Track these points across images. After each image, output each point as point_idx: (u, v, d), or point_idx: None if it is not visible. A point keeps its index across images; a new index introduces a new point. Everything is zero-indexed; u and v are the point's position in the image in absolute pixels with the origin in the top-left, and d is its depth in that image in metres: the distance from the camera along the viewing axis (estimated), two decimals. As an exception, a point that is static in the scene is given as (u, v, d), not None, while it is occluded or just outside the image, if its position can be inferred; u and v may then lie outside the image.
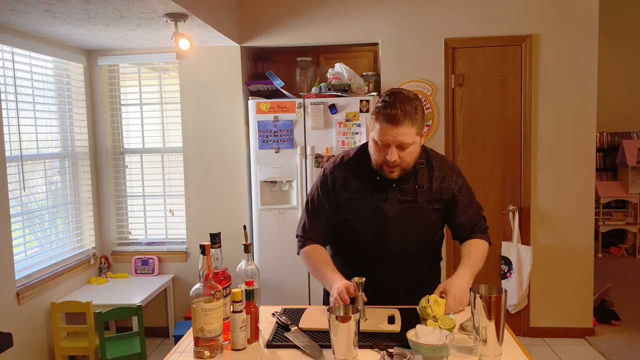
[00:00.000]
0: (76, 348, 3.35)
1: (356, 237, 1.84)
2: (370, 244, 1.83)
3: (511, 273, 3.73)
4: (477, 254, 1.85)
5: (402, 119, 1.63)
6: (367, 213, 1.81)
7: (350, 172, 1.86)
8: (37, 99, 3.47)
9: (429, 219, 1.84)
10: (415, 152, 1.74)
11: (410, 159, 1.73)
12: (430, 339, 1.38)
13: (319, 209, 1.88)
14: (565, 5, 3.67)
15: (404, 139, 1.65)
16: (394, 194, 1.81)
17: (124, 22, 3.09)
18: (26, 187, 3.30)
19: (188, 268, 4.07)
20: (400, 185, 1.81)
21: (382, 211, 1.80)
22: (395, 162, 1.69)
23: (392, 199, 1.80)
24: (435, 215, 1.86)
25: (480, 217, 1.95)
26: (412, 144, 1.69)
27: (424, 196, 1.81)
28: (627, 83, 6.46)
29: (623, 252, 6.22)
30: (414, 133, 1.67)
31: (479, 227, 1.94)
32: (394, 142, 1.66)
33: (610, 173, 6.43)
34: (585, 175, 3.76)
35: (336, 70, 3.71)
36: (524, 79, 3.73)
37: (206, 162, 4.00)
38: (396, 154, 1.67)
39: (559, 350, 3.64)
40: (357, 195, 1.83)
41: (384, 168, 1.73)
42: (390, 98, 1.67)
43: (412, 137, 1.67)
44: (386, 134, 1.65)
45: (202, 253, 1.44)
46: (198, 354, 1.44)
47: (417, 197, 1.81)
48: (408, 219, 1.81)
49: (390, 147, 1.67)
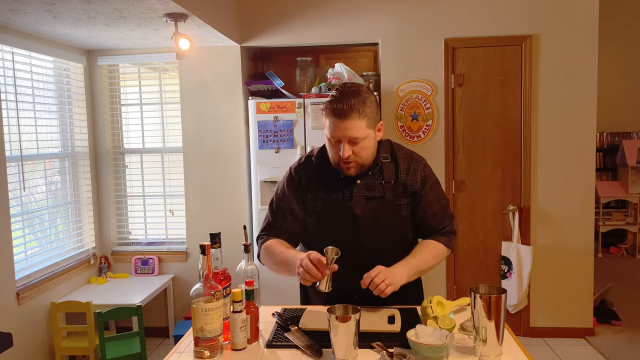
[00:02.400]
0: (76, 348, 3.35)
1: (325, 238, 1.71)
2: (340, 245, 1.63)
3: (511, 273, 3.73)
4: (423, 254, 1.76)
5: (348, 113, 1.60)
6: (333, 212, 1.75)
7: (315, 170, 1.81)
8: (37, 99, 3.47)
9: (400, 215, 1.76)
10: (370, 147, 1.69)
11: (365, 154, 1.68)
12: (430, 339, 1.38)
13: (285, 206, 1.82)
14: (565, 5, 3.67)
15: (353, 133, 1.61)
16: (359, 192, 1.74)
17: (124, 22, 3.09)
18: (26, 187, 3.30)
19: (188, 268, 4.07)
20: (366, 182, 1.75)
21: (350, 210, 1.73)
22: (350, 158, 1.65)
23: (359, 197, 1.74)
24: (407, 211, 1.78)
25: (444, 215, 1.83)
26: (365, 139, 1.64)
27: (392, 191, 1.74)
28: (627, 83, 6.46)
29: (623, 252, 6.22)
30: (364, 126, 1.63)
31: (441, 227, 1.83)
32: (344, 137, 1.63)
33: (610, 173, 6.43)
34: (585, 175, 3.76)
35: (336, 70, 3.71)
36: (524, 79, 3.73)
37: (206, 162, 4.00)
38: (349, 149, 1.64)
39: (559, 350, 3.64)
40: (323, 194, 1.77)
41: (341, 165, 1.69)
42: (337, 92, 1.64)
43: (362, 131, 1.63)
44: (335, 129, 1.63)
45: (202, 253, 1.44)
46: (198, 354, 1.43)
47: (385, 193, 1.74)
48: (377, 217, 1.73)
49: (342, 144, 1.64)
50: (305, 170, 1.83)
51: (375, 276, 1.59)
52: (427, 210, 1.80)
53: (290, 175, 1.86)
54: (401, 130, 3.83)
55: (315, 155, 1.85)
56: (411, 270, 1.71)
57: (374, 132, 1.69)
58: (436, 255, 1.80)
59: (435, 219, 1.82)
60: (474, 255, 3.90)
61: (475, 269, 3.90)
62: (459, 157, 3.84)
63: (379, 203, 1.74)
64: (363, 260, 1.70)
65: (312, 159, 1.84)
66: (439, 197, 1.82)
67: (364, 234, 1.74)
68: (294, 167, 1.87)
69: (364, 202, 1.74)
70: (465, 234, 3.88)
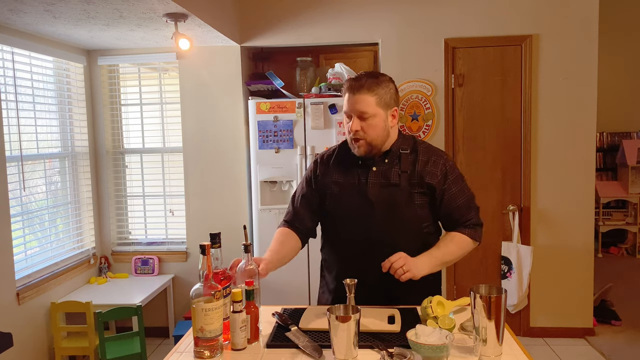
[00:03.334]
0: (76, 348, 3.35)
1: (340, 223, 1.84)
2: (355, 230, 1.79)
3: (511, 273, 3.73)
4: (447, 246, 1.80)
5: (360, 88, 1.72)
6: (349, 198, 1.82)
7: (336, 159, 1.91)
8: (37, 99, 3.47)
9: (413, 203, 1.79)
10: (379, 127, 1.75)
11: (373, 132, 1.75)
12: (430, 339, 1.38)
13: (302, 194, 1.94)
14: (565, 5, 3.67)
15: (362, 107, 1.71)
16: (376, 179, 1.81)
17: (124, 22, 3.09)
18: (26, 187, 3.30)
19: (188, 268, 4.07)
20: (383, 170, 1.81)
21: (365, 195, 1.79)
22: (358, 135, 1.74)
23: (374, 183, 1.80)
24: (421, 200, 1.80)
25: (470, 208, 1.86)
26: (374, 116, 1.73)
27: (407, 180, 1.79)
28: (627, 83, 6.46)
29: (623, 252, 6.22)
30: (374, 103, 1.72)
31: (466, 220, 1.86)
32: (354, 110, 1.73)
33: (610, 173, 6.43)
34: (585, 175, 3.76)
35: (336, 70, 3.71)
36: (524, 79, 3.73)
37: (206, 162, 4.00)
38: (358, 123, 1.73)
39: (559, 350, 3.64)
40: (340, 179, 1.85)
41: (352, 143, 1.79)
42: (359, 74, 1.78)
43: (371, 107, 1.72)
44: (348, 102, 1.75)
45: (202, 253, 1.44)
46: (198, 354, 1.43)
47: (400, 182, 1.79)
48: (390, 203, 1.78)
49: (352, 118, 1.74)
50: (326, 159, 1.93)
51: (395, 261, 1.66)
52: (451, 203, 1.83)
53: (313, 163, 1.97)
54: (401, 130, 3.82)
55: (340, 143, 1.95)
56: (434, 261, 1.75)
57: (384, 113, 1.76)
58: (461, 247, 1.83)
59: (460, 212, 1.85)
60: (474, 255, 3.87)
61: (475, 269, 3.90)
62: (459, 157, 3.84)
63: (393, 190, 1.79)
64: (376, 247, 1.76)
65: (334, 150, 1.95)
66: (462, 190, 1.85)
67: (377, 219, 1.78)
68: (318, 156, 1.98)
69: (378, 188, 1.80)
70: (465, 234, 3.88)
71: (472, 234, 1.85)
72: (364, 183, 1.81)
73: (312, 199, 1.91)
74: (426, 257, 1.74)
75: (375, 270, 1.72)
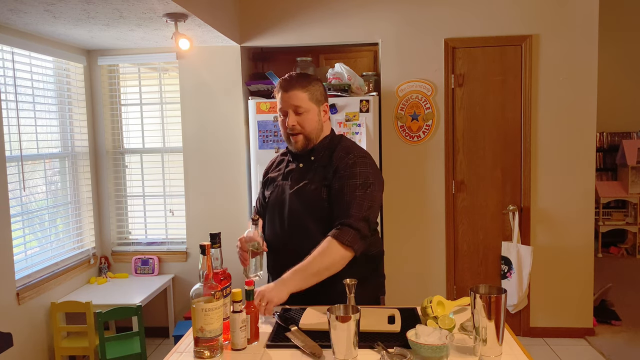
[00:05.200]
0: (76, 348, 3.35)
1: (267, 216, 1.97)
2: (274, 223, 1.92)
3: (511, 273, 3.73)
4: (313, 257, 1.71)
5: (293, 86, 1.84)
6: (275, 190, 1.96)
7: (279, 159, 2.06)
8: (37, 99, 3.47)
9: (320, 196, 1.83)
10: (314, 121, 1.87)
11: (309, 126, 1.86)
12: (430, 339, 1.38)
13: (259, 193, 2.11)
14: (565, 5, 3.67)
15: (296, 102, 1.83)
16: (297, 173, 1.92)
17: (124, 22, 3.09)
18: (26, 187, 3.30)
19: (188, 268, 4.07)
20: (307, 166, 1.92)
21: (283, 188, 1.93)
22: (295, 129, 1.85)
23: (295, 178, 1.92)
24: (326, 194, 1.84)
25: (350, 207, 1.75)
26: (309, 111, 1.85)
27: (321, 173, 1.88)
28: (627, 83, 6.46)
29: (623, 252, 6.22)
30: (307, 98, 1.84)
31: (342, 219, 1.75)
32: (289, 106, 1.85)
33: (610, 173, 6.43)
34: (585, 175, 3.76)
35: (336, 70, 3.71)
36: (524, 79, 3.73)
37: (206, 162, 4.00)
38: (294, 118, 1.84)
39: (559, 350, 3.64)
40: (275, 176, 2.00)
41: (289, 138, 1.89)
42: (289, 75, 1.90)
43: (305, 102, 1.84)
44: (282, 100, 1.86)
45: (202, 253, 1.44)
46: (198, 354, 1.44)
47: (315, 174, 1.88)
48: (302, 194, 1.86)
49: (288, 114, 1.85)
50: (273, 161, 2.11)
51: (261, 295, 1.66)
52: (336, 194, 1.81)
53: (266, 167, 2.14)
54: (401, 130, 3.83)
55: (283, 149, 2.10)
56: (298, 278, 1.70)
57: (317, 108, 1.89)
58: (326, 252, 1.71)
59: (340, 207, 1.78)
60: (474, 255, 3.90)
61: (475, 269, 3.90)
62: (459, 157, 3.84)
63: (307, 182, 1.88)
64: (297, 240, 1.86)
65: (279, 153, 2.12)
66: (355, 189, 1.78)
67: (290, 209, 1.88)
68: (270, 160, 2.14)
69: (295, 182, 1.90)
70: (465, 234, 3.88)
71: (337, 234, 1.72)
72: (286, 178, 1.94)
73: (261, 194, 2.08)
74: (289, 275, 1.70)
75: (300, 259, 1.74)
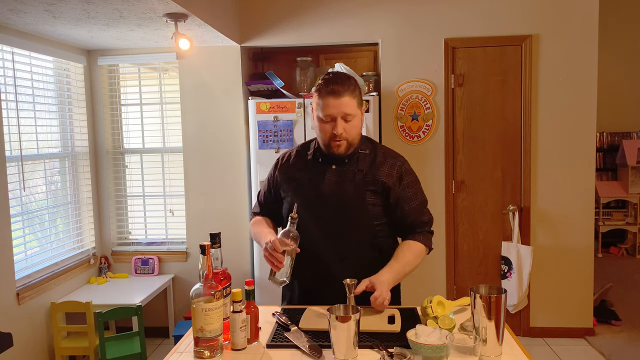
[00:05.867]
0: (76, 348, 3.35)
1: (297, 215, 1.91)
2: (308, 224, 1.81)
3: (511, 273, 3.73)
4: (405, 256, 1.84)
5: (343, 92, 1.77)
6: (305, 192, 1.88)
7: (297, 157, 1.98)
8: (37, 99, 3.47)
9: (364, 199, 1.83)
10: (358, 127, 1.84)
11: (354, 132, 1.82)
12: (430, 339, 1.38)
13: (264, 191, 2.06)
14: (565, 5, 3.67)
15: (347, 110, 1.77)
16: (332, 176, 1.87)
17: (124, 22, 3.09)
18: (26, 187, 3.30)
19: (188, 268, 4.07)
20: (341, 168, 1.87)
21: (319, 189, 1.86)
22: (342, 136, 1.79)
23: (330, 179, 1.86)
24: (373, 198, 1.84)
25: (423, 213, 1.92)
26: (355, 117, 1.81)
27: (362, 178, 1.84)
28: (627, 83, 6.46)
29: (623, 252, 6.22)
30: (355, 105, 1.80)
31: (419, 225, 1.90)
32: (339, 113, 1.77)
33: (610, 173, 6.43)
34: (585, 175, 3.76)
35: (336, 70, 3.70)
36: (524, 79, 3.73)
37: (206, 162, 4.00)
38: (343, 125, 1.78)
39: (559, 350, 3.64)
40: (298, 174, 1.92)
41: (332, 144, 1.82)
42: (330, 76, 1.82)
43: (354, 109, 1.79)
44: (330, 107, 1.77)
45: (202, 253, 1.44)
46: (198, 354, 1.44)
47: (355, 179, 1.84)
48: (343, 198, 1.83)
49: (336, 121, 1.78)
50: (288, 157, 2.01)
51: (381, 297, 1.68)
52: (405, 205, 1.87)
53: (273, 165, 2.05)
54: (401, 130, 3.83)
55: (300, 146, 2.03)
56: (395, 276, 1.78)
57: (361, 113, 1.85)
58: (417, 256, 1.86)
59: (414, 215, 1.89)
60: (474, 255, 3.90)
61: (475, 269, 3.90)
62: (459, 157, 3.84)
63: (347, 186, 1.84)
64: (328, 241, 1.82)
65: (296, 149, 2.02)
66: (416, 194, 1.90)
67: (329, 212, 1.83)
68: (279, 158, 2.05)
69: (333, 183, 1.86)
70: (465, 234, 3.88)
71: (425, 241, 1.89)
72: (321, 178, 1.87)
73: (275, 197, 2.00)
74: (389, 273, 1.77)
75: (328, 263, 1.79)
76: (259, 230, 1.93)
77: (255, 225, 2.00)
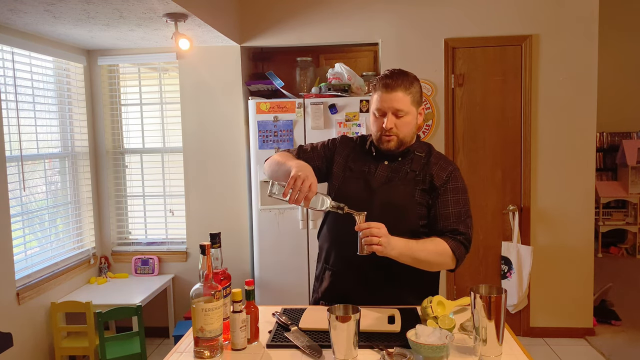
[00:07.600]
0: (76, 348, 3.35)
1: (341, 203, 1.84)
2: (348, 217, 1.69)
3: (511, 273, 3.73)
4: (425, 243, 1.72)
5: (396, 87, 1.75)
6: (354, 183, 1.86)
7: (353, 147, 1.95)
8: (37, 99, 3.47)
9: (412, 197, 1.79)
10: (411, 125, 1.81)
11: (406, 129, 1.79)
12: (430, 339, 1.38)
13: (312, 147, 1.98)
14: (565, 5, 3.67)
15: (399, 105, 1.75)
16: (383, 171, 1.85)
17: (124, 22, 3.09)
18: (26, 187, 3.30)
19: (188, 268, 4.07)
20: (393, 165, 1.85)
21: (368, 183, 1.84)
22: (392, 131, 1.77)
23: (381, 175, 1.84)
24: (421, 197, 1.80)
25: (459, 222, 1.79)
26: (408, 114, 1.78)
27: (413, 177, 1.82)
28: (627, 83, 6.46)
29: (623, 252, 6.22)
30: (409, 102, 1.77)
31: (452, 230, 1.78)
32: (389, 108, 1.76)
33: (610, 173, 6.43)
34: (585, 175, 3.76)
35: (336, 70, 3.71)
36: (524, 79, 3.73)
37: (206, 162, 4.00)
38: (392, 120, 1.76)
39: (559, 350, 3.64)
40: (352, 165, 1.89)
41: (382, 138, 1.80)
42: (388, 71, 1.81)
43: (406, 105, 1.77)
44: (382, 101, 1.77)
45: (202, 253, 1.44)
46: (198, 354, 1.44)
47: (407, 177, 1.82)
48: (391, 194, 1.80)
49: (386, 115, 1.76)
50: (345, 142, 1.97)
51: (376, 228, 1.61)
52: (441, 208, 1.81)
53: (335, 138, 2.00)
54: (401, 130, 3.82)
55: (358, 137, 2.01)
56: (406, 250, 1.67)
57: (415, 111, 1.82)
58: (439, 251, 1.73)
59: (447, 221, 1.79)
60: (474, 255, 3.89)
61: (475, 269, 3.90)
62: (459, 157, 3.84)
63: (396, 183, 1.82)
64: None
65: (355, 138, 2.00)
66: (457, 202, 1.82)
67: (375, 207, 1.77)
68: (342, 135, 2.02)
69: (383, 179, 1.83)
70: (465, 234, 3.88)
71: (454, 246, 1.75)
72: (372, 172, 1.85)
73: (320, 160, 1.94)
74: (402, 241, 1.66)
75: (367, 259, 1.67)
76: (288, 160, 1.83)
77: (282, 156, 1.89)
